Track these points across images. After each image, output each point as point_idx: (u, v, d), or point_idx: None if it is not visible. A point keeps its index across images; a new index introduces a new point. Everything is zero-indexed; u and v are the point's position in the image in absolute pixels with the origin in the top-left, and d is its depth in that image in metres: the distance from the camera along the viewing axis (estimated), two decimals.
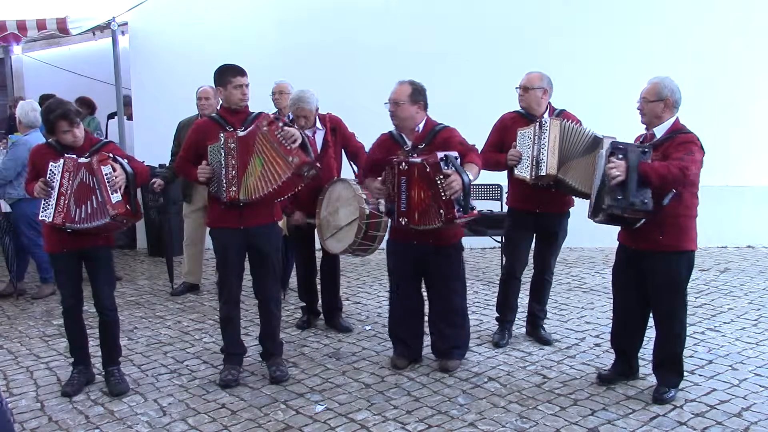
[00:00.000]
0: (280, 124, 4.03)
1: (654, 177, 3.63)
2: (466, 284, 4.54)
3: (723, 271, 6.88)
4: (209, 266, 6.74)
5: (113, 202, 3.84)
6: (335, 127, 5.08)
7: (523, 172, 4.49)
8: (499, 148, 4.69)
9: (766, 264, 7.18)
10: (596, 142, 4.45)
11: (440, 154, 3.98)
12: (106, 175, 3.85)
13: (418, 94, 4.24)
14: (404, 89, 4.23)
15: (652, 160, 3.72)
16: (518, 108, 4.72)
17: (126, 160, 4.01)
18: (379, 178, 4.30)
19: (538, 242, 4.87)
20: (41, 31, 7.25)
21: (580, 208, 4.72)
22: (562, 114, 4.67)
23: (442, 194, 3.95)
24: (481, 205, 5.53)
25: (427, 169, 3.97)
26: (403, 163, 4.10)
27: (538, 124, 4.48)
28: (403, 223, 4.13)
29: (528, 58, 6.32)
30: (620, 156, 3.68)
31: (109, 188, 3.83)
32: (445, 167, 3.94)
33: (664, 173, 3.62)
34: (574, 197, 4.71)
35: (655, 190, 3.66)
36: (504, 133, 4.69)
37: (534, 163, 4.43)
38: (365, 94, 7.36)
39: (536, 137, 4.44)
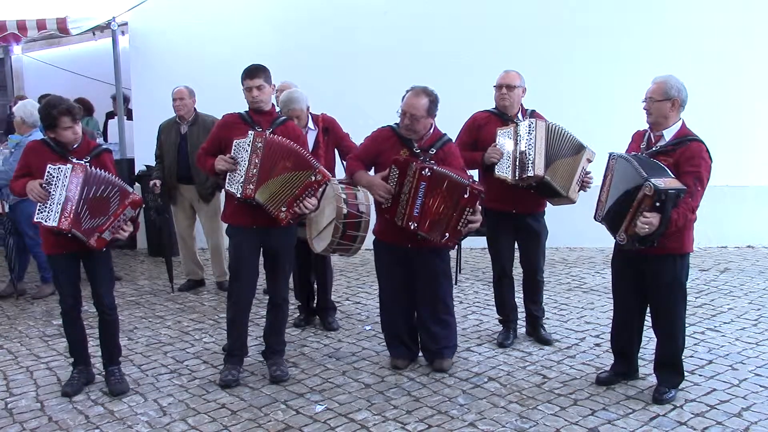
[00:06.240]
0: (319, 189, 4.10)
1: (673, 228, 3.65)
2: (452, 282, 4.54)
3: (723, 271, 6.88)
4: (209, 265, 6.75)
5: (101, 236, 3.88)
6: (328, 128, 5.09)
7: (504, 171, 4.47)
8: (471, 147, 4.66)
9: (766, 264, 7.18)
10: (580, 147, 4.49)
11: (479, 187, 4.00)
12: (123, 214, 3.90)
13: (434, 108, 4.19)
14: (422, 103, 4.14)
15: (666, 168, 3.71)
16: (496, 108, 4.72)
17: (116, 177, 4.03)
18: (381, 174, 4.22)
19: (522, 245, 4.85)
20: (41, 31, 7.26)
21: (579, 207, 4.73)
22: (534, 114, 4.67)
23: (460, 224, 3.97)
24: None
25: (465, 195, 3.94)
26: (426, 169, 4.04)
27: (519, 124, 4.47)
28: (413, 227, 4.08)
29: (527, 58, 6.34)
30: (657, 204, 3.53)
31: (113, 225, 3.88)
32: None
33: (680, 223, 3.65)
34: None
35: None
36: (477, 133, 4.66)
37: (517, 163, 4.42)
38: (365, 95, 7.38)
39: (518, 138, 4.43)
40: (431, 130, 4.28)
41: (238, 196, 4.02)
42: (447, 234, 4.02)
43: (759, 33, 7.76)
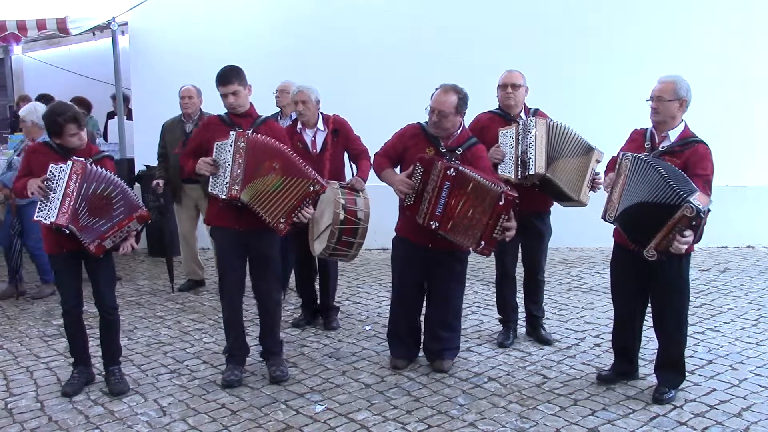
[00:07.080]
0: (317, 198, 4.14)
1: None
2: (465, 286, 4.54)
3: (723, 271, 6.88)
4: (210, 266, 6.75)
5: (102, 243, 3.88)
6: (338, 129, 5.05)
7: (507, 171, 4.46)
8: None
9: (766, 264, 7.19)
10: (588, 148, 4.48)
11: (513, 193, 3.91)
12: (128, 226, 3.92)
13: (463, 105, 4.17)
14: (451, 100, 4.11)
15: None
16: (499, 108, 4.72)
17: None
18: (406, 172, 4.19)
19: (525, 244, 4.83)
20: (41, 31, 7.26)
21: (579, 207, 4.72)
22: (537, 113, 4.67)
23: (496, 231, 3.89)
24: None
25: (501, 202, 3.85)
26: (452, 169, 3.97)
27: (520, 123, 4.46)
28: (434, 226, 4.02)
29: (527, 58, 6.33)
30: (694, 223, 3.47)
31: (115, 234, 3.89)
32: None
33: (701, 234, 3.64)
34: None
35: None
36: (481, 134, 4.61)
37: (519, 162, 4.41)
38: (365, 94, 7.38)
39: (520, 137, 4.42)
40: (459, 130, 4.26)
41: (223, 197, 4.00)
42: (483, 242, 3.92)
43: (759, 33, 7.76)
